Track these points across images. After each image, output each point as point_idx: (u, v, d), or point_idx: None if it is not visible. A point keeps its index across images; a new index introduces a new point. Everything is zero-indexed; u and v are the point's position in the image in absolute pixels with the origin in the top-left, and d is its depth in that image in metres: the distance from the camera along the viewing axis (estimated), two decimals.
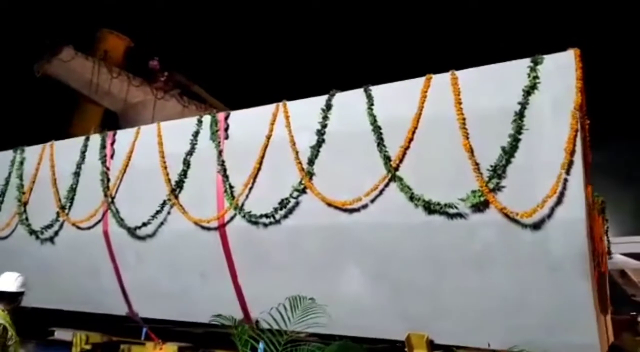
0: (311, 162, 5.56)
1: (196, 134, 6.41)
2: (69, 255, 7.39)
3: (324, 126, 5.57)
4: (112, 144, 7.11)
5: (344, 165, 5.45)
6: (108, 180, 6.97)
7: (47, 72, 17.76)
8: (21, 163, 7.95)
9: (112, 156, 7.07)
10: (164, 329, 7.36)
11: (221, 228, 6.12)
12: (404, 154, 5.04)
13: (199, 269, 6.44)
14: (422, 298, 5.12)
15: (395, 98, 5.30)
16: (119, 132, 7.19)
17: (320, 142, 5.56)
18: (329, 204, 5.39)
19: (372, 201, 5.17)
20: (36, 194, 7.67)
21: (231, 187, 6.04)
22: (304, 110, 5.82)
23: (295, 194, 5.61)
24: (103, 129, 8.44)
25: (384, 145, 5.14)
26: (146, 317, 7.13)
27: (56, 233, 7.38)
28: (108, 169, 7.03)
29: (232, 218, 6.05)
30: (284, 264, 5.85)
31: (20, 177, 7.87)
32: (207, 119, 6.41)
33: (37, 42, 18.39)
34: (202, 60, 22.39)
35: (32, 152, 7.96)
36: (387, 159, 5.08)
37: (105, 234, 6.98)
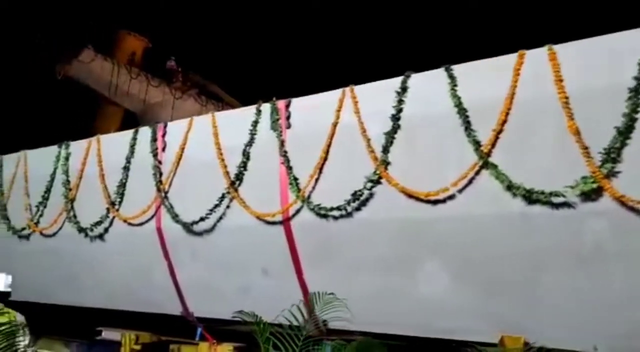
0: (386, 150, 5.04)
1: (255, 123, 5.94)
2: (120, 253, 7.01)
3: (399, 110, 5.05)
4: (164, 136, 6.68)
5: (423, 153, 4.94)
6: (160, 174, 6.55)
7: (68, 74, 17.56)
8: (66, 158, 7.58)
9: (163, 149, 6.64)
10: (220, 329, 6.94)
11: (286, 222, 5.65)
12: (497, 138, 4.50)
13: (260, 265, 5.99)
14: (516, 297, 4.59)
15: (482, 78, 4.76)
16: (170, 124, 6.76)
17: (395, 128, 5.03)
18: (409, 195, 4.88)
19: (460, 191, 4.63)
20: (83, 190, 7.30)
21: (296, 179, 5.56)
22: (375, 95, 5.32)
23: (369, 185, 5.10)
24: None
25: (472, 130, 4.61)
26: (202, 317, 6.71)
27: (106, 230, 6.99)
28: (160, 162, 6.61)
29: (297, 211, 5.58)
30: (356, 260, 5.36)
31: (66, 173, 7.49)
32: (266, 107, 5.93)
33: (56, 43, 18.28)
34: (217, 58, 22.12)
35: (77, 147, 7.58)
36: (477, 144, 4.54)
37: (159, 231, 6.57)
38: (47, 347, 9.44)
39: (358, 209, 5.19)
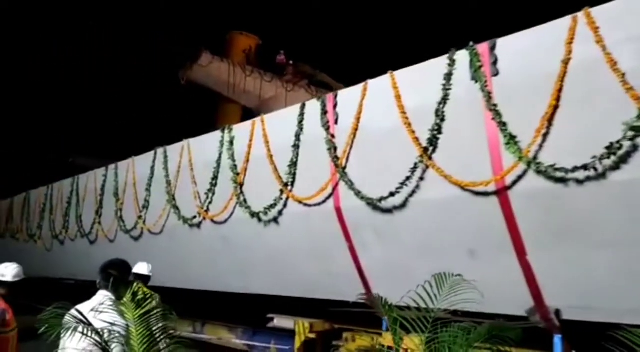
0: None
1: (449, 76, 4.83)
2: (295, 236, 6.37)
3: None
4: (335, 107, 5.86)
5: None
6: (335, 148, 5.74)
7: (190, 78, 18.28)
8: (231, 142, 7.14)
9: (336, 121, 5.82)
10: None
11: (502, 191, 4.49)
12: None
13: (465, 245, 4.91)
14: None
15: None
16: (341, 93, 5.91)
17: None
18: None
19: None
20: (252, 173, 6.78)
21: (513, 136, 4.36)
22: (624, 16, 3.92)
23: (630, 134, 3.74)
24: None
25: None
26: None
27: (280, 213, 6.38)
28: (333, 136, 5.80)
29: (519, 177, 4.38)
30: (611, 235, 4.03)
31: (232, 157, 7.05)
32: (463, 55, 4.79)
33: (175, 51, 19.11)
34: (323, 46, 21.76)
35: (241, 130, 7.11)
36: None
37: (338, 210, 5.78)
38: (212, 333, 9.34)
39: (615, 167, 3.84)
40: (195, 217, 7.58)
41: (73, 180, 11.34)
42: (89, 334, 3.03)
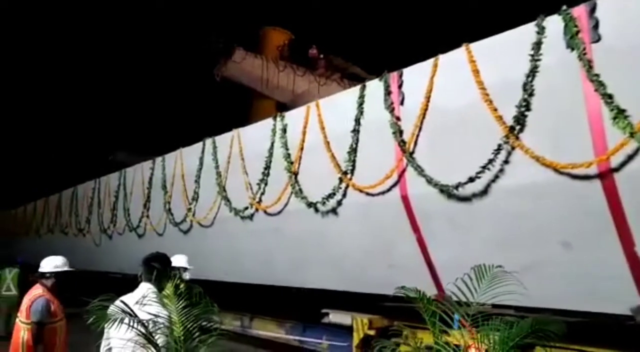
0: None
1: (537, 45, 4.24)
2: (356, 227, 5.91)
3: None
4: (400, 86, 5.35)
5: None
6: (401, 132, 5.24)
7: (224, 75, 18.07)
8: (284, 130, 6.74)
9: (402, 102, 5.31)
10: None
11: (606, 174, 3.89)
12: None
13: (558, 236, 4.33)
14: None
15: None
16: (407, 71, 5.39)
17: None
18: None
19: None
20: (307, 162, 6.36)
21: (622, 110, 3.75)
22: None
23: None
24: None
25: None
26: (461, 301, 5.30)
27: (339, 203, 5.93)
28: (398, 118, 5.30)
29: (628, 157, 3.77)
30: None
31: (285, 145, 6.65)
32: (554, 21, 4.19)
33: (207, 47, 18.96)
34: (355, 37, 21.17)
35: (294, 116, 6.70)
36: None
37: (405, 199, 5.28)
38: (260, 328, 9.05)
39: None
40: (247, 208, 7.24)
41: (120, 174, 11.25)
42: (134, 325, 3.07)
